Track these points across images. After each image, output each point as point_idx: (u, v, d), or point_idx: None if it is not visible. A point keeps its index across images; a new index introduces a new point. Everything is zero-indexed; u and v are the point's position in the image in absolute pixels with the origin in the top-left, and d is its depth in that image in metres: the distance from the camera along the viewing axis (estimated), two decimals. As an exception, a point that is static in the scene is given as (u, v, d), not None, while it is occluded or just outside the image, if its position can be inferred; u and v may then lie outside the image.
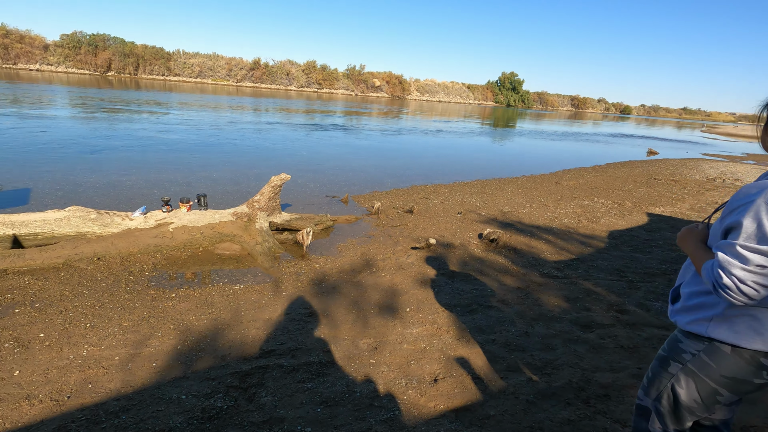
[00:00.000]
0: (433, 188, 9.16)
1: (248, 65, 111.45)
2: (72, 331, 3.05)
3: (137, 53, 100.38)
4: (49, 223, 4.47)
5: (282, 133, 16.92)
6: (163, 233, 4.72)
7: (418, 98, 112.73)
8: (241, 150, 12.27)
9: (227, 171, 9.32)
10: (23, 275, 3.86)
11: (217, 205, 6.59)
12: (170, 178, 8.28)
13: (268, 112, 28.17)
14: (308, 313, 3.52)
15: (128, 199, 6.68)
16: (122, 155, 10.08)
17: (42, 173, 7.75)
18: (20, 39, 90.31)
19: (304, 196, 7.77)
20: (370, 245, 5.39)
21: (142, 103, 26.84)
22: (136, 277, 4.05)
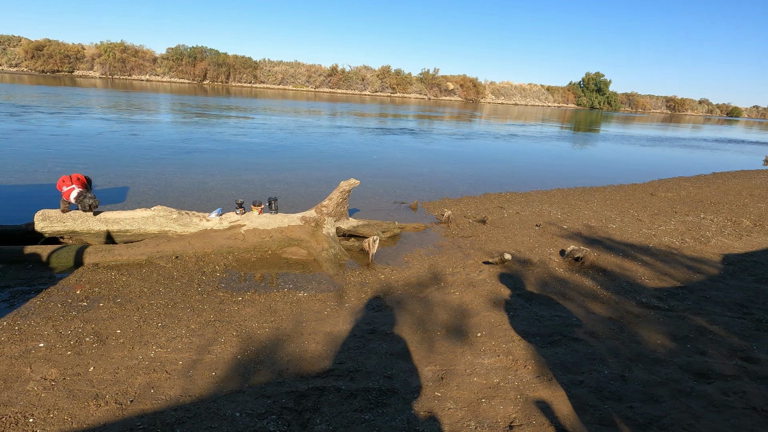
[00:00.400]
0: (507, 197, 8.58)
1: (326, 71, 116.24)
2: (145, 329, 3.13)
3: (229, 63, 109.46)
4: (137, 221, 4.77)
5: (354, 137, 17.16)
6: (236, 235, 4.83)
7: (493, 101, 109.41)
8: (314, 153, 12.58)
9: (300, 174, 9.54)
10: (111, 270, 4.13)
11: (288, 209, 6.70)
12: (248, 179, 8.65)
13: (342, 117, 28.92)
14: (370, 329, 3.31)
15: (209, 200, 7.03)
16: (208, 157, 10.79)
17: (138, 173, 8.51)
18: (135, 53, 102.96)
19: (372, 201, 7.66)
20: (438, 257, 5.08)
21: (230, 108, 28.96)
22: (208, 278, 4.15)
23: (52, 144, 11.02)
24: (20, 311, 3.30)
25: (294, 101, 47.37)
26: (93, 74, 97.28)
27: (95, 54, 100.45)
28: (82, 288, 3.73)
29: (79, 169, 8.58)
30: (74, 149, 10.53)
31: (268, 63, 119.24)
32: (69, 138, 12.16)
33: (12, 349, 2.81)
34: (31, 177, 7.60)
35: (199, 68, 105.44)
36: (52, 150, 10.24)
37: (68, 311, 3.33)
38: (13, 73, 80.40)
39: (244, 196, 7.37)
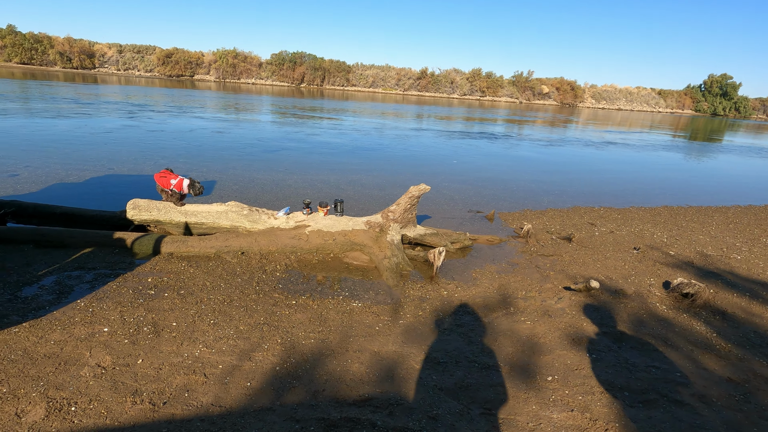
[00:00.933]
0: (601, 212, 7.58)
1: (415, 75, 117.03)
2: (197, 325, 3.15)
3: (325, 67, 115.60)
4: (212, 214, 4.97)
5: (436, 141, 16.78)
6: (300, 235, 4.79)
7: (592, 106, 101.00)
8: (393, 156, 12.47)
9: (376, 176, 9.45)
10: (182, 261, 4.31)
11: (357, 212, 6.58)
12: (325, 178, 8.77)
13: (427, 120, 28.63)
14: (422, 355, 2.98)
15: (285, 197, 7.20)
16: (291, 155, 11.23)
17: (227, 168, 9.08)
18: (244, 59, 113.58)
19: (446, 208, 7.25)
20: (511, 276, 4.55)
21: (321, 110, 30.31)
22: (268, 277, 4.13)
23: (149, 139, 12.32)
24: (98, 294, 3.53)
25: (382, 104, 48.23)
26: (209, 78, 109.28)
27: (212, 60, 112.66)
28: (154, 276, 3.92)
29: (173, 164, 9.40)
30: (172, 144, 11.65)
31: (360, 67, 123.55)
32: (170, 134, 13.53)
33: (81, 330, 2.98)
34: (131, 168, 8.49)
35: (297, 72, 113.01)
36: (149, 144, 11.43)
37: (136, 298, 3.49)
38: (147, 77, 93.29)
39: (318, 195, 7.44)
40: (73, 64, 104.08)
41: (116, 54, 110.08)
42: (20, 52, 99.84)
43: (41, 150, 9.49)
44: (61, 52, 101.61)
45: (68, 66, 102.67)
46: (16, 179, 7.09)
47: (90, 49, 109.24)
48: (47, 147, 9.87)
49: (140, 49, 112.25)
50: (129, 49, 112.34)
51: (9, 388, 2.34)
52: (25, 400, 2.25)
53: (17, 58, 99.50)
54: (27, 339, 2.83)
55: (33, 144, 10.10)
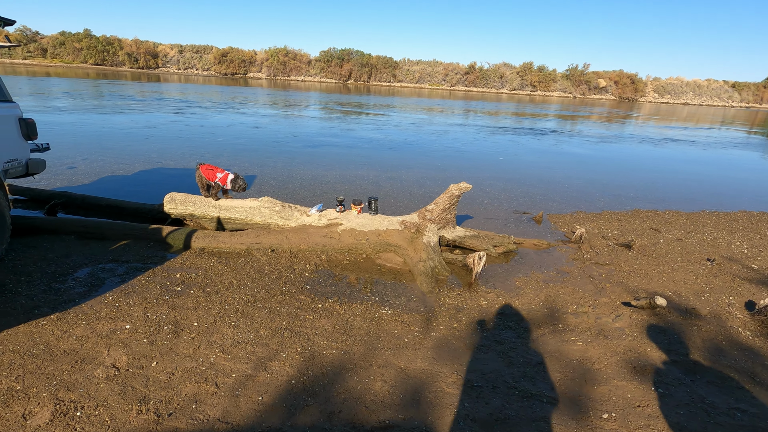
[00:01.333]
0: (666, 216, 6.80)
1: (463, 69, 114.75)
2: (218, 326, 3.01)
3: (372, 63, 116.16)
4: (245, 210, 4.88)
5: (482, 137, 16.13)
6: (332, 233, 4.58)
7: (655, 100, 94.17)
8: (436, 152, 12.06)
9: (416, 173, 9.12)
10: (212, 257, 4.23)
11: (394, 210, 6.30)
12: (363, 174, 8.56)
13: (474, 115, 27.77)
14: (454, 376, 2.65)
15: (322, 193, 7.06)
16: (332, 151, 11.13)
17: (268, 163, 9.11)
18: (294, 57, 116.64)
19: (489, 208, 6.80)
20: (560, 286, 4.08)
21: (366, 106, 30.28)
22: (296, 277, 3.96)
23: (197, 134, 12.68)
24: (126, 288, 3.50)
25: (427, 99, 47.57)
26: (261, 76, 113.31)
27: (264, 58, 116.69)
28: (182, 272, 3.85)
29: (216, 158, 9.56)
30: (218, 139, 11.92)
31: (407, 62, 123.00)
32: (218, 129, 13.90)
33: (104, 326, 2.92)
34: (177, 162, 8.70)
35: (345, 69, 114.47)
36: (196, 139, 11.74)
37: (162, 294, 3.42)
38: (204, 76, 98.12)
39: (356, 192, 7.24)
40: (140, 64, 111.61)
41: (177, 54, 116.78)
42: (94, 53, 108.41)
43: (99, 144, 10.02)
44: (129, 53, 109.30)
45: (135, 66, 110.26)
46: (73, 171, 7.45)
47: (154, 50, 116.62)
48: (105, 141, 10.41)
49: (198, 49, 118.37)
50: (189, 49, 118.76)
51: (23, 385, 2.29)
52: (35, 401, 2.18)
53: (91, 59, 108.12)
54: (52, 333, 2.81)
55: (93, 138, 10.70)
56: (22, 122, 4.33)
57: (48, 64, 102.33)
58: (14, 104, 4.32)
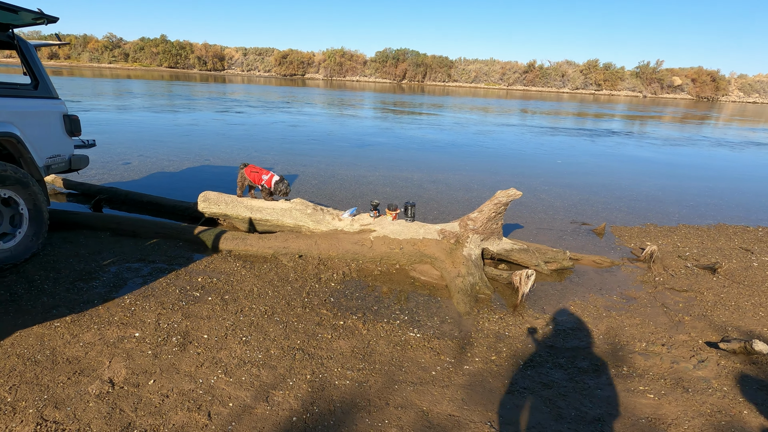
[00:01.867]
0: (759, 234, 5.77)
1: (522, 68, 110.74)
2: (227, 341, 2.76)
3: (427, 63, 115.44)
4: (277, 211, 4.68)
5: (539, 138, 15.12)
6: (363, 240, 4.24)
7: (740, 100, 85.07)
8: (487, 154, 11.38)
9: (465, 176, 8.57)
10: (237, 260, 4.04)
11: (436, 216, 5.84)
12: (408, 176, 8.16)
13: (532, 115, 26.39)
14: (487, 427, 2.19)
15: (362, 195, 6.76)
16: (378, 151, 10.83)
17: (311, 162, 8.98)
18: (350, 57, 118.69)
19: (542, 217, 6.14)
20: (625, 316, 3.45)
21: (420, 105, 29.85)
22: (321, 287, 3.66)
23: (249, 132, 12.88)
24: (146, 290, 3.37)
25: (483, 99, 46.18)
26: (318, 76, 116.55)
27: (321, 59, 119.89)
28: (204, 276, 3.68)
29: (263, 157, 9.57)
30: (269, 137, 12.03)
31: (462, 62, 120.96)
32: (269, 127, 14.10)
33: (113, 333, 2.78)
34: (224, 159, 8.79)
35: (400, 69, 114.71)
36: (248, 137, 11.91)
37: (179, 300, 3.25)
38: (265, 77, 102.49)
39: (399, 194, 6.86)
40: (208, 66, 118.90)
41: (241, 56, 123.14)
42: (168, 57, 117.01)
43: (156, 140, 10.45)
44: (198, 57, 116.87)
45: (203, 68, 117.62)
46: (127, 167, 7.73)
47: (221, 53, 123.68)
48: (162, 138, 10.85)
49: (261, 52, 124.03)
50: (252, 52, 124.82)
51: (14, 397, 2.15)
52: (19, 418, 2.02)
53: (166, 62, 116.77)
54: (61, 337, 2.70)
55: (152, 135, 11.20)
56: (66, 119, 4.40)
57: (129, 68, 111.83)
58: (59, 101, 4.40)
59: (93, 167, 7.56)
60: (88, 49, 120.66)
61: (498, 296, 3.76)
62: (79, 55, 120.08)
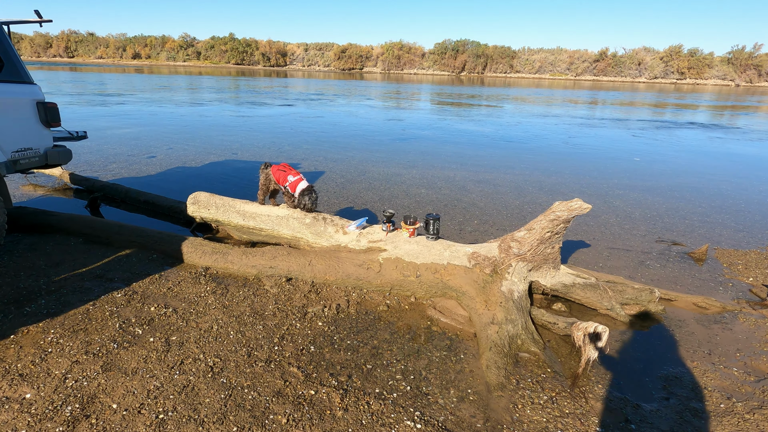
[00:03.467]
0: None
1: (592, 57, 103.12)
2: (135, 422, 1.92)
3: (488, 53, 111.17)
4: (272, 219, 3.82)
5: (611, 131, 13.16)
6: (370, 262, 3.25)
7: None
8: (548, 149, 9.86)
9: (518, 177, 7.26)
10: (211, 281, 3.24)
11: (477, 228, 4.71)
12: (448, 175, 7.03)
13: (603, 106, 23.73)
14: None
15: (392, 198, 5.77)
16: (419, 146, 9.74)
17: (343, 158, 8.11)
18: (408, 50, 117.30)
19: (618, 231, 4.78)
20: (760, 414, 2.17)
21: (479, 97, 28.15)
22: (304, 327, 2.74)
23: (288, 124, 12.27)
24: (81, 322, 2.65)
25: (547, 90, 43.08)
26: (375, 70, 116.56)
27: (379, 53, 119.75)
28: (158, 305, 2.90)
29: (295, 151, 8.84)
30: (305, 129, 11.35)
31: (526, 51, 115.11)
32: (309, 120, 13.46)
33: (3, 389, 2.04)
34: (252, 154, 8.16)
35: (459, 60, 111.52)
36: (284, 130, 11.29)
37: (111, 340, 2.49)
38: (324, 71, 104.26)
39: (436, 197, 5.78)
40: (271, 62, 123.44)
41: (303, 52, 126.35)
42: (235, 54, 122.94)
43: (190, 133, 10.14)
44: (263, 53, 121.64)
45: (267, 64, 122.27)
46: (150, 161, 7.34)
47: (284, 49, 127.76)
48: (197, 131, 10.55)
49: (321, 47, 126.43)
50: (313, 47, 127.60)
51: None
52: None
53: (233, 59, 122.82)
54: (-68, 393, 2.00)
55: (189, 128, 10.96)
56: (40, 107, 3.84)
57: (200, 65, 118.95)
58: (33, 86, 3.84)
59: (115, 160, 7.25)
60: (166, 49, 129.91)
61: (550, 355, 2.61)
62: (158, 54, 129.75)
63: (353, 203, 5.43)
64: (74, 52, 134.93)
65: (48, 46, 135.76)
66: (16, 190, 5.55)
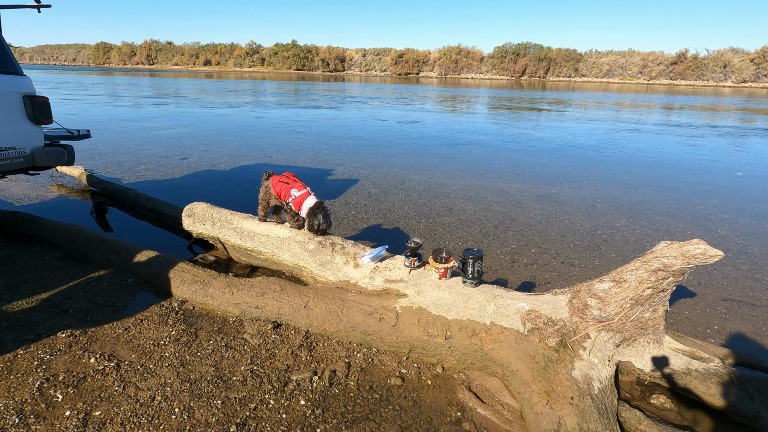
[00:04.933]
0: None
1: (668, 59, 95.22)
2: None
3: (550, 57, 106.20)
4: (272, 241, 3.08)
5: (699, 140, 11.27)
6: (384, 311, 2.38)
7: None
8: (623, 158, 8.42)
9: (586, 189, 6.05)
10: (180, 322, 2.53)
11: (533, 259, 3.68)
12: (503, 187, 5.98)
13: (685, 111, 21.10)
14: None
15: (431, 214, 4.87)
16: (474, 152, 8.71)
17: (385, 163, 7.32)
18: (467, 54, 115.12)
19: (731, 275, 3.52)
20: None
21: (539, 101, 26.37)
22: (277, 406, 1.93)
23: (333, 128, 11.68)
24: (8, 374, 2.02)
25: (616, 94, 39.82)
26: (432, 75, 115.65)
27: (436, 57, 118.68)
28: (98, 356, 2.23)
29: (335, 155, 8.18)
30: (352, 134, 10.69)
31: (593, 54, 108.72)
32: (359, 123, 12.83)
33: None
34: (287, 158, 7.59)
35: (519, 64, 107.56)
36: (330, 134, 10.68)
37: (13, 410, 1.82)
38: (381, 76, 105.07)
39: (484, 215, 4.80)
40: (330, 67, 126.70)
41: (360, 57, 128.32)
42: (297, 60, 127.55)
43: (231, 135, 9.85)
44: (323, 59, 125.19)
45: (326, 70, 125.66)
46: (181, 162, 7.00)
47: (342, 55, 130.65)
48: (238, 132, 10.25)
49: (379, 52, 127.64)
50: (370, 53, 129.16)
51: None
52: None
53: (295, 65, 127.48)
54: None
55: (231, 129, 10.71)
56: (27, 101, 3.39)
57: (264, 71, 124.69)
58: (21, 77, 3.40)
59: (146, 161, 6.97)
60: (234, 56, 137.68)
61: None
62: (227, 60, 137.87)
63: (383, 219, 4.59)
64: (154, 60, 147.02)
65: (132, 54, 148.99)
66: (34, 191, 5.31)
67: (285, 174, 3.08)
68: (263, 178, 3.18)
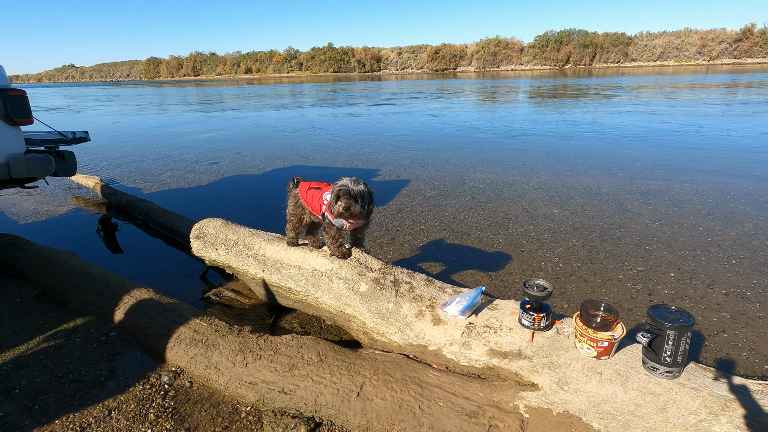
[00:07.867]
0: None
1: (732, 36, 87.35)
2: None
3: (597, 43, 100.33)
4: (306, 275, 2.13)
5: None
6: (495, 411, 1.35)
7: None
8: (724, 143, 6.86)
9: (699, 183, 4.71)
10: (168, 419, 1.62)
11: (677, 296, 2.50)
12: (588, 185, 4.76)
13: (762, 88, 18.44)
14: None
15: (510, 220, 3.78)
16: (534, 144, 7.47)
17: (435, 160, 6.26)
18: (505, 46, 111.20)
19: None
20: None
21: (588, 88, 24.31)
22: None
23: (372, 127, 10.72)
24: None
25: (672, 77, 36.42)
26: (469, 69, 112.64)
27: (474, 51, 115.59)
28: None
29: (377, 153, 7.20)
30: (394, 131, 9.70)
31: (645, 36, 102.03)
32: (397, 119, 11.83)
33: None
34: (325, 159, 6.70)
35: (563, 53, 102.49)
36: (373, 132, 9.74)
37: None
38: (417, 74, 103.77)
39: (581, 223, 3.64)
40: (366, 68, 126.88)
41: (396, 56, 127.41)
42: (333, 63, 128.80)
43: (265, 136, 9.15)
44: (358, 60, 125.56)
45: (362, 70, 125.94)
46: (211, 167, 6.30)
47: (378, 55, 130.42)
48: (273, 134, 9.55)
49: (414, 49, 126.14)
50: (406, 51, 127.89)
51: None
52: None
53: (332, 68, 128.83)
54: None
55: (265, 132, 10.05)
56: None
57: (302, 75, 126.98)
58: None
59: (174, 167, 6.32)
60: (273, 62, 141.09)
61: None
62: (266, 67, 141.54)
63: (448, 231, 3.55)
64: (199, 71, 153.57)
65: (180, 67, 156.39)
66: (46, 204, 4.70)
67: (314, 182, 2.11)
68: (289, 186, 2.24)
